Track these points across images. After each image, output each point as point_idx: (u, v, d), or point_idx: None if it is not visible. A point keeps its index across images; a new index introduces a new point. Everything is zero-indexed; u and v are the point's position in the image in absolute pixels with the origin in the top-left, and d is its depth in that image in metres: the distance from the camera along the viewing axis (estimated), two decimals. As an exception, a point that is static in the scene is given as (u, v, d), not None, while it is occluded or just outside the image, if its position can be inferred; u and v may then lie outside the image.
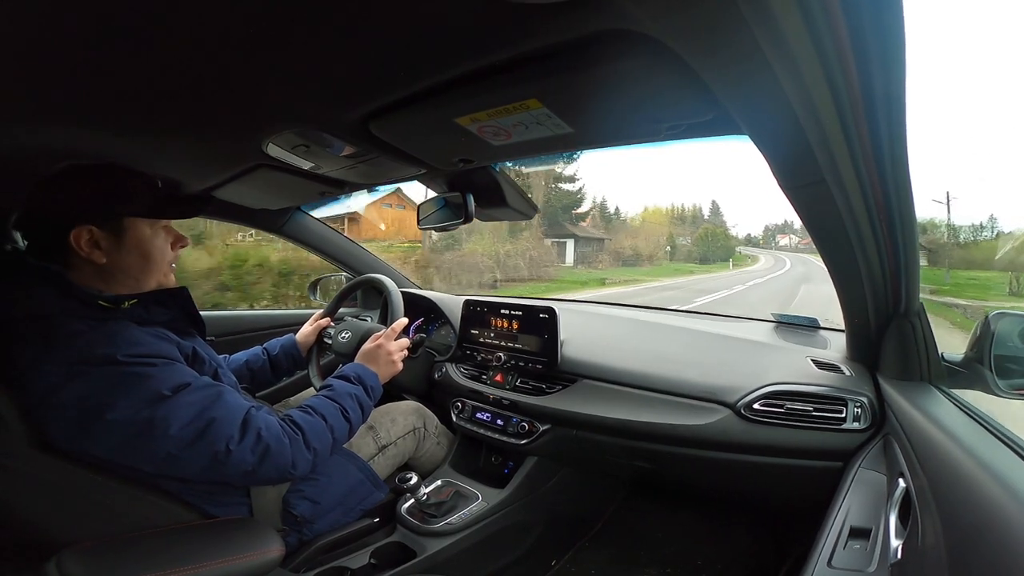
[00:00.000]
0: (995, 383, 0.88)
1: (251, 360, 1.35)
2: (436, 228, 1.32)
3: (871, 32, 0.45)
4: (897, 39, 0.45)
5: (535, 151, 0.91)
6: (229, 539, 0.86)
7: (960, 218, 39.15)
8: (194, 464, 0.81)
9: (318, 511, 1.09)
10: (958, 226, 31.62)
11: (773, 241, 66.44)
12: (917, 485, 0.71)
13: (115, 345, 0.78)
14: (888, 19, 0.44)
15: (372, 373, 1.13)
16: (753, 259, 46.92)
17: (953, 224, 30.89)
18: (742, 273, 29.42)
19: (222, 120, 0.80)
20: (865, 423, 1.03)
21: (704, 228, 48.64)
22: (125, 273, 0.88)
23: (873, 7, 0.43)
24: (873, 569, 0.70)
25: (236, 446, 0.82)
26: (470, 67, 0.62)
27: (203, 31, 0.53)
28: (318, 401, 1.01)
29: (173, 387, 0.79)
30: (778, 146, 0.64)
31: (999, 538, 0.47)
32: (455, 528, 1.25)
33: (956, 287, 14.59)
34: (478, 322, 1.62)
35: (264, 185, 1.20)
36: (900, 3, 0.42)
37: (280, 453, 0.87)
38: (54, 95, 0.68)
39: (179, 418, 0.78)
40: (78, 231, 0.81)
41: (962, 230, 33.69)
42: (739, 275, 26.64)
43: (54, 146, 0.84)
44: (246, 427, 0.85)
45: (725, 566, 1.55)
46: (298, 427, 0.93)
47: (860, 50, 0.46)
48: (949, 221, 29.42)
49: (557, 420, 1.37)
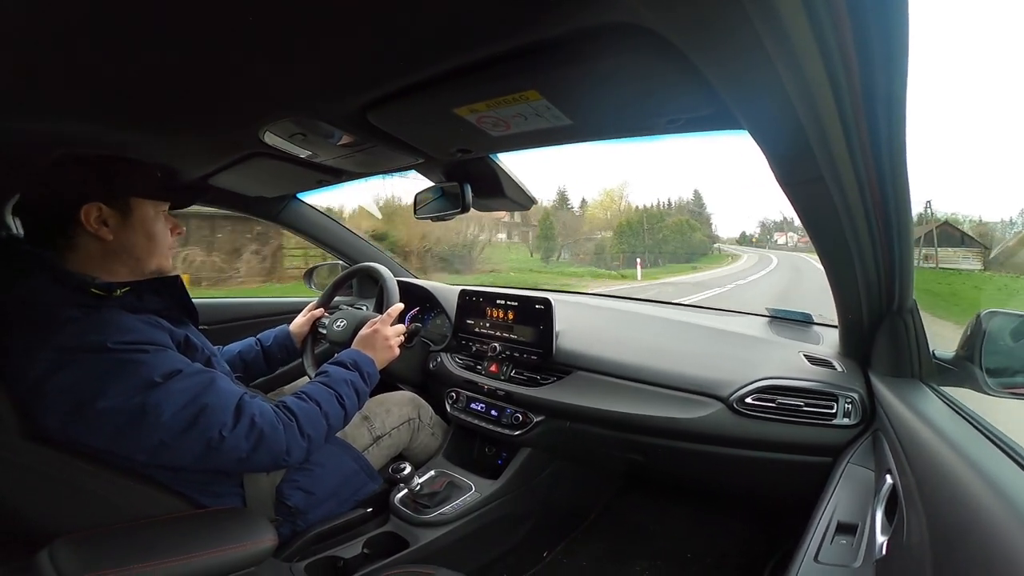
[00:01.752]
0: (985, 382, 0.89)
1: (244, 351, 1.35)
2: (433, 218, 1.31)
3: (875, 30, 0.44)
4: (901, 38, 0.45)
5: (534, 142, 0.91)
6: (222, 529, 0.86)
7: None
8: (187, 451, 0.81)
9: (312, 501, 1.09)
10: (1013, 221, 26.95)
11: (770, 239, 65.91)
12: (904, 482, 0.72)
13: (106, 332, 0.78)
14: (893, 18, 0.43)
15: (368, 359, 1.12)
16: (734, 257, 42.70)
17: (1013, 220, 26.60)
18: (704, 278, 21.58)
19: (219, 108, 0.80)
20: (855, 419, 1.04)
21: (676, 220, 43.06)
22: (129, 253, 0.89)
23: (878, 5, 0.43)
24: (858, 565, 0.71)
25: (229, 432, 0.82)
26: (470, 57, 0.61)
27: (201, 19, 0.52)
28: (313, 388, 1.01)
29: (164, 374, 0.79)
30: (777, 142, 0.64)
31: (983, 537, 0.47)
32: (448, 518, 1.26)
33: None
34: (474, 312, 1.62)
35: (260, 173, 1.20)
36: (905, 2, 0.42)
37: (274, 439, 0.87)
38: (48, 85, 0.67)
39: (171, 404, 0.78)
40: (88, 207, 0.83)
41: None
42: (693, 281, 19.54)
43: (48, 135, 0.84)
44: (239, 413, 0.85)
45: (715, 560, 1.57)
46: (292, 413, 0.92)
47: (863, 48, 0.46)
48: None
49: (551, 411, 1.38)
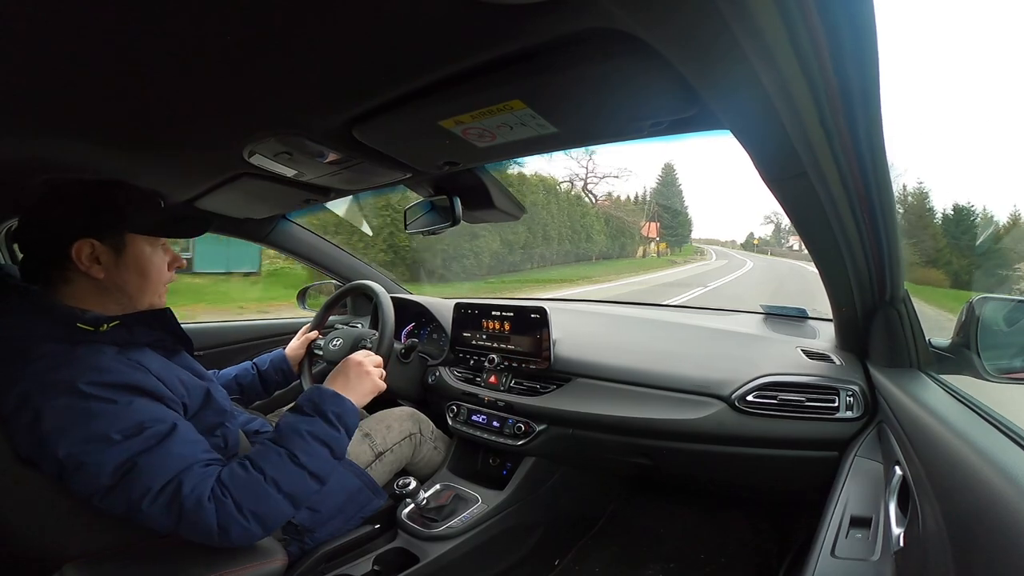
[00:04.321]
0: (983, 368, 0.89)
1: (240, 375, 1.33)
2: (423, 232, 1.31)
3: (845, 29, 0.45)
4: (869, 36, 0.46)
5: (520, 152, 0.91)
6: (231, 550, 0.85)
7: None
8: (114, 509, 0.75)
9: (318, 519, 1.08)
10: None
11: (784, 243, 65.42)
12: (914, 472, 0.72)
13: (80, 371, 0.74)
14: (860, 16, 0.45)
15: (333, 394, 0.96)
16: (701, 256, 39.26)
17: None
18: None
19: (203, 129, 0.79)
20: (858, 412, 1.04)
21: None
22: (121, 290, 0.86)
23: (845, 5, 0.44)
24: (877, 558, 0.71)
25: (149, 505, 0.74)
26: (452, 69, 0.61)
27: (182, 40, 0.52)
28: (259, 451, 0.85)
29: (123, 430, 0.74)
30: (759, 140, 0.65)
31: (998, 522, 0.48)
32: (457, 531, 1.25)
33: None
34: (469, 324, 1.61)
35: (248, 194, 1.19)
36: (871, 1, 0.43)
37: (198, 518, 0.75)
38: (31, 107, 0.67)
39: (111, 463, 0.73)
40: (80, 244, 0.80)
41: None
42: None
43: (31, 158, 0.83)
44: (168, 485, 0.75)
45: (728, 560, 1.56)
46: (226, 488, 0.78)
47: (835, 46, 0.47)
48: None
49: (553, 420, 1.37)
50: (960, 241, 15.89)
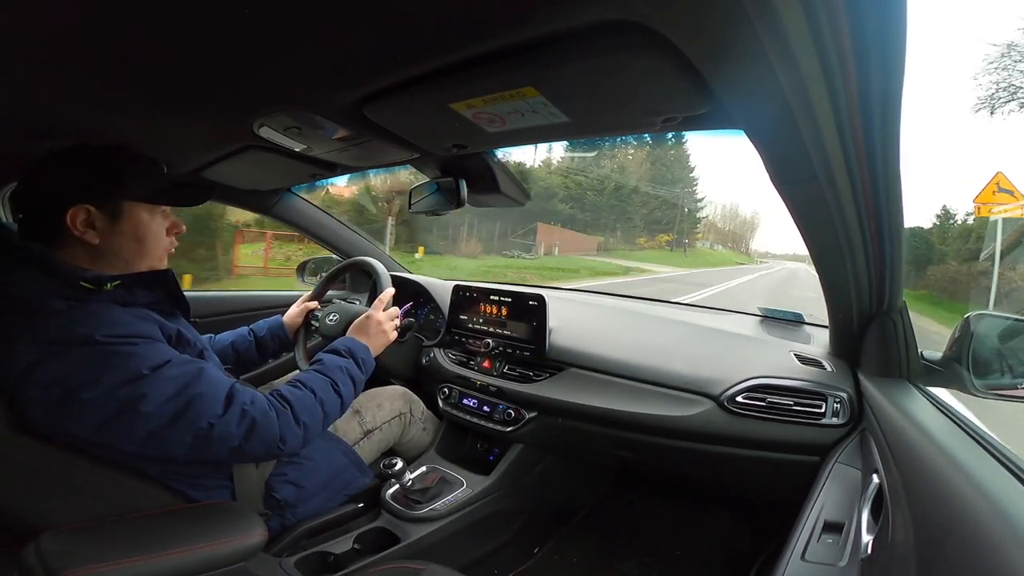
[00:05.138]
0: (971, 383, 0.90)
1: (237, 341, 1.33)
2: (428, 213, 1.31)
3: (873, 32, 0.44)
4: (898, 41, 0.45)
5: (530, 139, 0.91)
6: (211, 523, 0.86)
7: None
8: (178, 442, 0.79)
9: (302, 495, 1.08)
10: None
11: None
12: (890, 481, 0.73)
13: (93, 325, 0.76)
14: (891, 20, 0.43)
15: (363, 345, 1.12)
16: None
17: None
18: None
19: (214, 100, 0.79)
20: (843, 418, 1.05)
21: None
22: (117, 256, 0.86)
23: (877, 7, 0.43)
24: (844, 564, 0.72)
25: (218, 420, 0.81)
26: (467, 53, 0.61)
27: (198, 10, 0.52)
28: (307, 375, 0.99)
29: (152, 365, 0.78)
30: (772, 142, 0.64)
31: (967, 536, 0.48)
32: (439, 514, 1.26)
33: None
34: (467, 307, 1.62)
35: (254, 166, 1.18)
36: (904, 4, 0.42)
37: (266, 427, 0.85)
38: (41, 73, 0.66)
39: (159, 395, 0.77)
40: (75, 210, 0.80)
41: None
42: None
43: (40, 124, 0.83)
44: (230, 402, 0.83)
45: (704, 557, 1.58)
46: (286, 401, 0.91)
47: (860, 49, 0.46)
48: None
49: (543, 408, 1.38)
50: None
